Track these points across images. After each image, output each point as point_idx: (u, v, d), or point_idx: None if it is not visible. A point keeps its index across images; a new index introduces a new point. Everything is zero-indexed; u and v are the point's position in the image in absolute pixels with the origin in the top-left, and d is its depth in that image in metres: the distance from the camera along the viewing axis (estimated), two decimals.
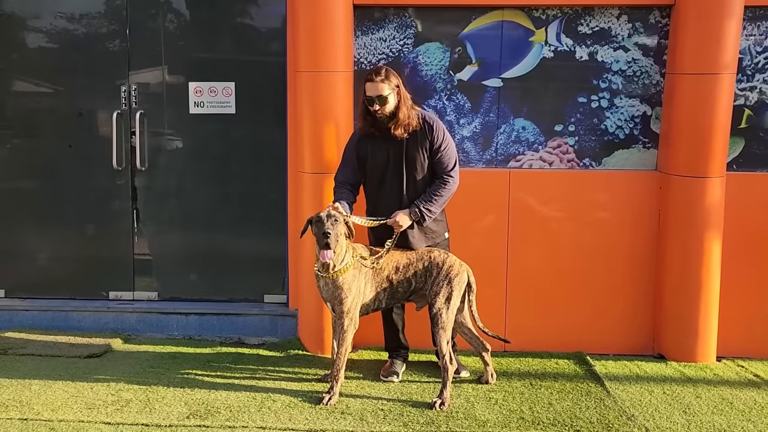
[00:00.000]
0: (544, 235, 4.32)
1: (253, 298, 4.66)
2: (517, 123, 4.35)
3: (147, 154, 4.57)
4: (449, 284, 3.60)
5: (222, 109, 4.53)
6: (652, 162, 4.34)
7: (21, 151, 4.67)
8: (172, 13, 4.55)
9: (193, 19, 4.55)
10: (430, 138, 3.69)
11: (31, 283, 4.71)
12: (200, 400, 3.50)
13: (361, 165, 3.75)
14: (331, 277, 3.48)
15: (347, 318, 3.57)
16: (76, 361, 4.00)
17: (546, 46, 4.28)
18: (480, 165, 4.39)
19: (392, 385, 3.79)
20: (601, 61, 4.28)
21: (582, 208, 4.32)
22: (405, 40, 4.31)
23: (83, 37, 4.54)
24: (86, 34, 4.54)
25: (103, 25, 4.52)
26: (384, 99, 3.57)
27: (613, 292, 4.35)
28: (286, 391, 3.65)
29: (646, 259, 4.32)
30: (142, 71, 4.56)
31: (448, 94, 4.34)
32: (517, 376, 3.95)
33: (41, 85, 4.63)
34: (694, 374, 4.01)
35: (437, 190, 3.69)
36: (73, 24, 4.54)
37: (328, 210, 3.48)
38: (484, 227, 4.33)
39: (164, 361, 4.04)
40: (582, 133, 4.34)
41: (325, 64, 4.10)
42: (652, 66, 4.27)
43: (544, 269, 4.34)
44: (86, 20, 4.53)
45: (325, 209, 3.52)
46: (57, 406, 3.41)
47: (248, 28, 4.56)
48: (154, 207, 4.64)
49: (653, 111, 4.31)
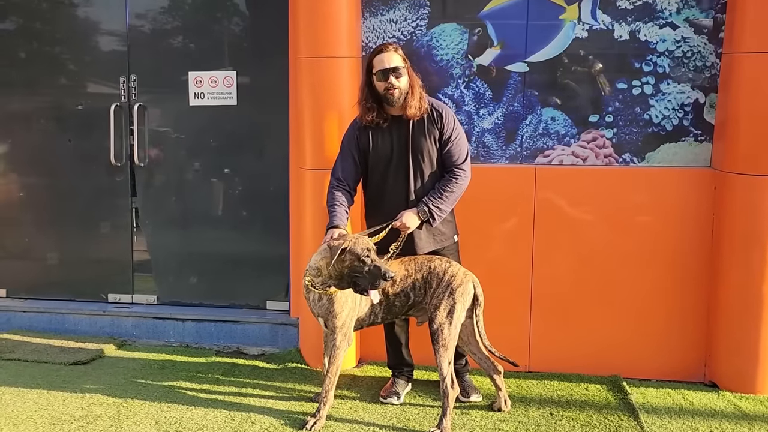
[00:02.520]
0: (575, 240, 3.78)
1: (255, 304, 4.33)
2: (545, 113, 3.82)
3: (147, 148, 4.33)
4: (451, 296, 3.14)
5: (223, 101, 4.22)
6: (705, 157, 3.72)
7: (21, 147, 4.51)
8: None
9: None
10: (440, 126, 3.24)
11: (32, 284, 4.55)
12: (173, 420, 3.18)
13: (362, 158, 3.33)
14: (328, 294, 3.08)
15: (340, 333, 3.16)
16: (60, 369, 3.78)
17: (579, 25, 3.73)
18: (503, 161, 3.89)
19: (390, 409, 3.36)
20: (645, 40, 3.69)
21: (620, 211, 3.76)
22: (418, 21, 3.86)
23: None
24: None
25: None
26: (400, 71, 3.16)
27: (656, 308, 3.76)
28: (270, 412, 3.28)
29: (697, 271, 3.71)
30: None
31: (466, 81, 3.86)
32: (536, 402, 3.44)
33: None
34: (752, 408, 3.38)
35: (448, 186, 3.23)
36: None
37: (357, 238, 3.00)
38: (506, 231, 3.83)
39: (151, 372, 3.76)
40: (621, 125, 3.77)
41: (327, 48, 3.71)
42: (705, 45, 3.66)
43: (574, 280, 3.80)
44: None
45: (330, 234, 3.08)
46: (21, 419, 3.16)
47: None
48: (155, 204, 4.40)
49: (707, 98, 3.69)
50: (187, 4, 4.33)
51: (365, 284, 2.95)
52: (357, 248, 2.95)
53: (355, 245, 2.96)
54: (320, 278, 3.07)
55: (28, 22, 4.40)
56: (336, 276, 3.01)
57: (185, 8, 4.33)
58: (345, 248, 2.95)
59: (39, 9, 4.38)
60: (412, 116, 3.21)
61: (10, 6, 4.39)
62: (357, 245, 2.96)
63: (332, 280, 3.02)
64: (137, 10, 4.28)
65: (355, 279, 2.97)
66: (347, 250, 2.95)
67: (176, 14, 4.31)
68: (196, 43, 4.27)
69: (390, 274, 2.93)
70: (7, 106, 4.48)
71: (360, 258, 2.94)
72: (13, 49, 4.42)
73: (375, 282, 2.94)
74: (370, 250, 2.97)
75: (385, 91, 3.18)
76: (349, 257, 2.96)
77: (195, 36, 4.27)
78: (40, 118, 4.46)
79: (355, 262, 2.95)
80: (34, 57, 4.42)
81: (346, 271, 2.98)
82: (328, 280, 3.04)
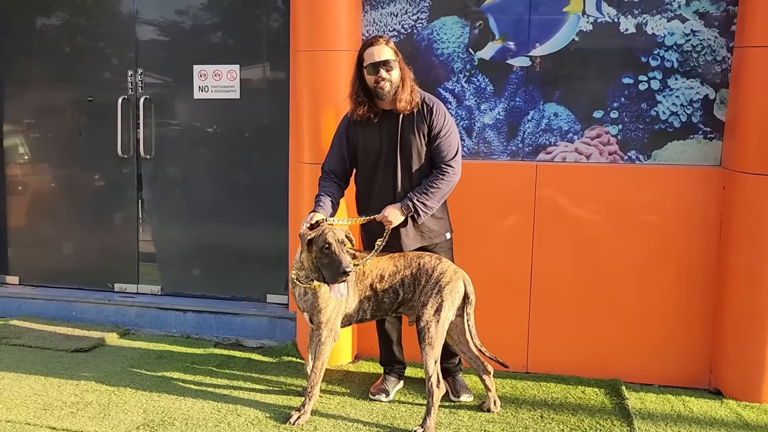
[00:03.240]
0: (577, 240, 3.68)
1: (256, 297, 4.34)
2: (548, 109, 3.73)
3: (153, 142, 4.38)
4: (439, 293, 3.08)
5: (226, 94, 4.24)
6: (714, 156, 3.58)
7: (39, 140, 4.62)
8: None
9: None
10: (428, 121, 3.18)
11: (43, 272, 4.67)
12: (160, 409, 3.21)
13: (352, 152, 3.30)
14: (312, 288, 3.07)
15: (326, 329, 3.14)
16: (61, 356, 3.85)
17: (583, 18, 3.62)
18: (504, 157, 3.81)
19: (378, 406, 3.33)
20: (652, 34, 3.57)
21: (624, 210, 3.64)
22: (418, 14, 3.81)
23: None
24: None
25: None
26: (390, 65, 3.11)
27: (660, 311, 3.64)
28: (257, 404, 3.29)
29: (704, 273, 3.57)
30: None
31: (467, 76, 3.79)
32: (529, 404, 3.36)
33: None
34: (755, 418, 3.24)
35: (434, 182, 3.17)
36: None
37: (326, 229, 2.94)
38: (505, 230, 3.75)
39: (148, 361, 3.81)
40: (627, 121, 3.65)
41: (325, 41, 3.69)
42: (716, 39, 3.51)
43: (575, 280, 3.70)
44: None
45: (307, 220, 3.04)
46: (15, 404, 3.24)
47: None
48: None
49: (717, 94, 3.55)
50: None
51: (328, 277, 2.90)
52: (319, 240, 2.90)
53: (319, 237, 2.91)
54: (303, 272, 3.06)
55: (43, 17, 4.50)
56: (312, 268, 2.99)
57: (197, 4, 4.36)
58: (311, 239, 2.93)
59: (56, 5, 4.47)
60: (402, 110, 3.17)
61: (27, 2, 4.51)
62: (321, 237, 2.91)
63: (313, 273, 3.00)
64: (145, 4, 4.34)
65: (320, 271, 2.94)
66: (312, 240, 2.92)
67: (187, 10, 4.34)
68: (203, 37, 4.30)
69: (347, 269, 2.83)
70: (22, 99, 4.59)
71: (321, 249, 2.90)
72: (29, 45, 4.53)
73: (332, 276, 2.87)
74: (331, 243, 2.88)
75: (375, 84, 3.14)
76: (315, 248, 2.93)
77: (203, 31, 4.30)
78: (54, 111, 4.55)
79: (318, 253, 2.91)
80: (49, 52, 4.52)
81: (315, 263, 2.95)
82: (310, 273, 3.02)
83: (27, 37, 4.52)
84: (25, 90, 4.58)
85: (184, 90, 4.30)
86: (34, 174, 4.64)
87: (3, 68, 4.57)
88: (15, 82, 4.58)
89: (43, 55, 4.52)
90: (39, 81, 4.55)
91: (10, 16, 4.51)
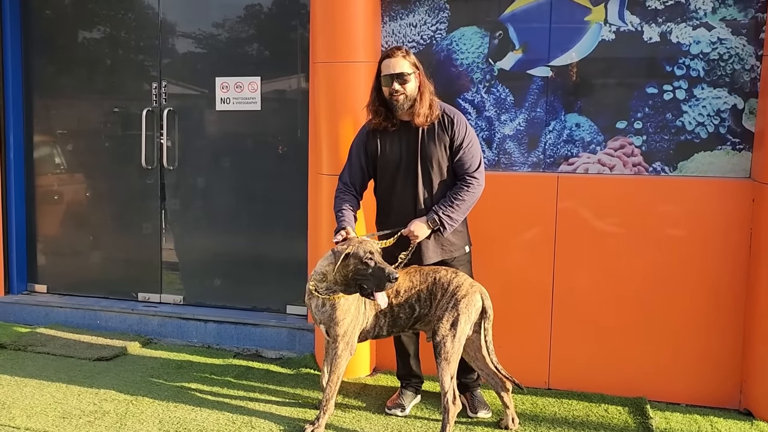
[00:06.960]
0: (601, 254, 3.60)
1: (276, 308, 4.35)
2: (569, 119, 3.66)
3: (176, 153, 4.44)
4: (455, 307, 3.03)
5: (248, 106, 4.27)
6: (744, 167, 3.47)
7: (70, 151, 4.72)
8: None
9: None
10: (450, 133, 3.15)
11: (70, 281, 4.76)
12: (176, 419, 3.22)
13: (370, 163, 3.28)
14: (332, 299, 3.05)
15: (342, 342, 3.12)
16: (83, 364, 3.91)
17: (605, 27, 3.55)
18: (525, 168, 3.74)
19: (393, 420, 3.29)
20: (677, 42, 3.48)
21: (649, 223, 3.54)
22: (438, 25, 3.78)
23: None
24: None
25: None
26: (405, 78, 3.09)
27: (688, 327, 3.52)
28: (272, 417, 3.28)
29: (733, 289, 3.45)
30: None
31: (487, 86, 3.75)
32: (548, 421, 3.28)
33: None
34: None
35: (459, 194, 3.13)
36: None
37: (361, 241, 2.96)
38: (526, 243, 3.68)
39: (168, 371, 3.83)
40: (651, 132, 3.56)
41: (343, 53, 3.68)
42: (744, 47, 3.40)
43: (598, 294, 3.61)
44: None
45: (339, 235, 3.05)
46: (35, 412, 3.29)
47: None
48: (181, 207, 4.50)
49: (746, 103, 3.44)
50: (217, 13, 4.41)
51: (371, 287, 2.91)
52: (360, 251, 2.91)
53: (358, 248, 2.92)
54: (325, 283, 3.04)
55: (73, 31, 4.61)
56: (342, 281, 2.98)
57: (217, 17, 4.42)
58: (348, 253, 2.92)
59: (89, 19, 4.58)
60: (420, 124, 3.14)
61: (53, 12, 4.62)
62: (360, 248, 2.92)
63: (338, 286, 2.99)
64: (170, 16, 4.40)
65: (359, 282, 2.93)
66: (351, 254, 2.91)
67: (211, 24, 4.40)
68: (225, 50, 4.35)
69: (394, 275, 2.87)
70: (50, 110, 4.70)
71: (363, 260, 2.90)
72: (58, 58, 4.64)
73: (380, 284, 2.89)
74: (373, 252, 2.92)
75: (389, 96, 3.12)
76: (352, 261, 2.92)
77: (225, 43, 4.36)
78: (82, 122, 4.65)
79: (359, 265, 2.91)
80: (77, 64, 4.62)
81: (351, 275, 2.94)
82: (333, 285, 3.01)
83: (56, 50, 4.63)
84: (56, 101, 4.68)
85: (207, 102, 4.35)
86: (64, 184, 4.73)
87: (36, 81, 4.69)
88: (46, 95, 4.69)
89: (71, 68, 4.63)
90: (68, 93, 4.66)
91: (43, 32, 4.63)
